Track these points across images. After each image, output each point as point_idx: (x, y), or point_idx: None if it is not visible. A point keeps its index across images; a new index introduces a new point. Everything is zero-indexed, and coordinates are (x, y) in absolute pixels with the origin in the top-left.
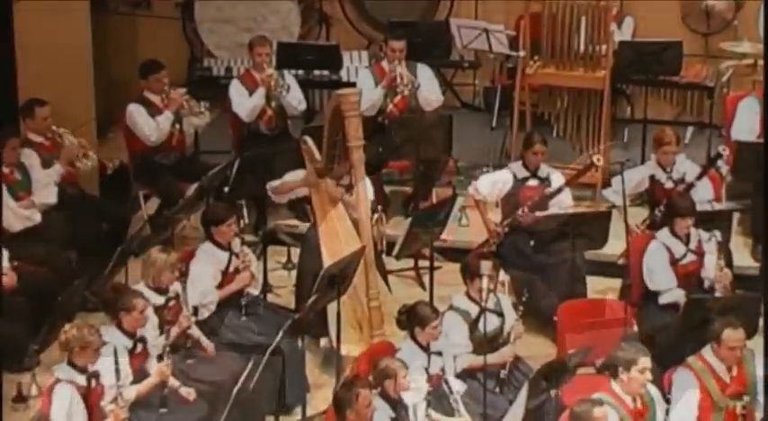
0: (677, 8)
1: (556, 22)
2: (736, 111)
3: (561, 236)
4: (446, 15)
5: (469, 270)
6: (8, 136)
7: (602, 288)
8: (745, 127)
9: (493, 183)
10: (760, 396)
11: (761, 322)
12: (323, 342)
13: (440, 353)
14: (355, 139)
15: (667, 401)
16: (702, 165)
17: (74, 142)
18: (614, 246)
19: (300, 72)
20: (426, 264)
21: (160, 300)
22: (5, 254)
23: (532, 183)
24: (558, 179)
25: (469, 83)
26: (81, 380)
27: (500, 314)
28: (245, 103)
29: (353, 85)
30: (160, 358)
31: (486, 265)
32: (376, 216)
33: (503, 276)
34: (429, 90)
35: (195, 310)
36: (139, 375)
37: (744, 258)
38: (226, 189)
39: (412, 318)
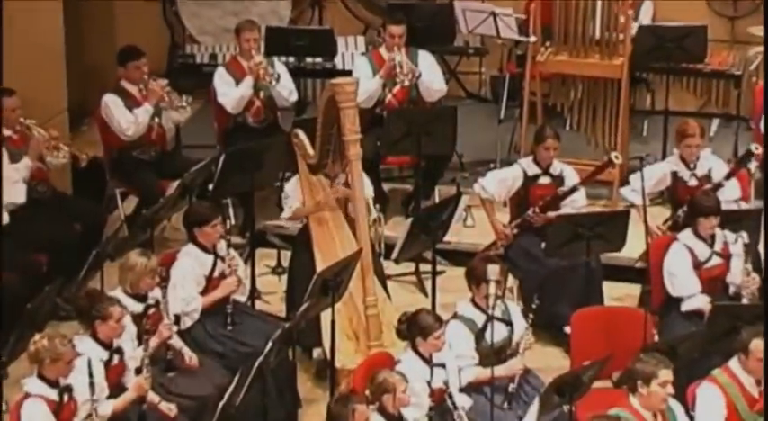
0: None
1: (569, 4)
2: (766, 101)
3: (575, 238)
4: None
5: (475, 275)
6: None
7: (619, 294)
8: None
9: (501, 181)
10: None
11: None
12: (316, 353)
13: (443, 366)
14: (351, 133)
15: (690, 418)
16: (729, 160)
17: (43, 134)
18: (633, 249)
19: (291, 59)
20: (428, 268)
21: (139, 307)
22: None
23: (544, 180)
24: (571, 176)
25: (475, 71)
26: (52, 394)
27: (508, 323)
28: (230, 93)
29: (349, 73)
30: (138, 371)
31: (493, 270)
32: (374, 216)
33: (511, 282)
34: (431, 79)
35: (177, 319)
36: (116, 389)
37: None
38: (210, 187)
39: (413, 327)
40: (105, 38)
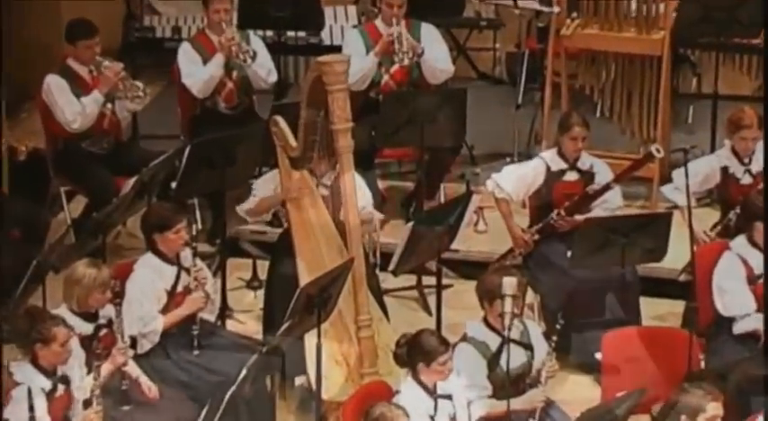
0: None
1: None
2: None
3: (607, 245)
4: None
5: (488, 289)
6: None
7: (659, 312)
8: None
9: (519, 178)
10: None
11: None
12: (298, 382)
13: (450, 397)
14: (341, 121)
15: None
16: None
17: None
18: (676, 259)
19: (270, 33)
20: (432, 281)
21: (88, 328)
22: None
23: (570, 176)
24: (603, 172)
25: (489, 47)
26: None
27: (528, 346)
28: (197, 73)
29: (338, 50)
30: (87, 403)
31: (509, 283)
32: (374, 223)
33: (531, 297)
34: (436, 57)
35: (133, 342)
36: None
37: None
38: (173, 184)
39: (414, 352)
40: (49, 8)
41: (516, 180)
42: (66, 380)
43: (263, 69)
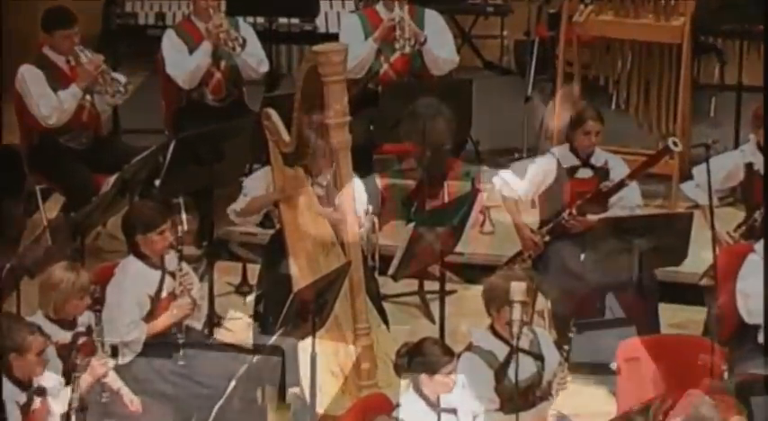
0: None
1: None
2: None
3: (623, 247)
4: None
5: (495, 295)
6: None
7: (679, 320)
8: None
9: (528, 175)
10: None
11: None
12: (292, 394)
13: (454, 411)
14: (338, 114)
15: None
16: None
17: None
18: (697, 262)
19: (261, 20)
20: (435, 286)
21: (65, 336)
22: None
23: (583, 174)
24: (619, 169)
25: (496, 35)
26: None
27: (537, 356)
28: (183, 62)
29: (335, 38)
30: (66, 417)
31: (518, 289)
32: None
33: (541, 304)
34: (439, 46)
35: (114, 351)
36: None
37: None
38: (156, 182)
39: (416, 362)
40: None
41: (525, 177)
42: (42, 392)
43: (254, 58)
